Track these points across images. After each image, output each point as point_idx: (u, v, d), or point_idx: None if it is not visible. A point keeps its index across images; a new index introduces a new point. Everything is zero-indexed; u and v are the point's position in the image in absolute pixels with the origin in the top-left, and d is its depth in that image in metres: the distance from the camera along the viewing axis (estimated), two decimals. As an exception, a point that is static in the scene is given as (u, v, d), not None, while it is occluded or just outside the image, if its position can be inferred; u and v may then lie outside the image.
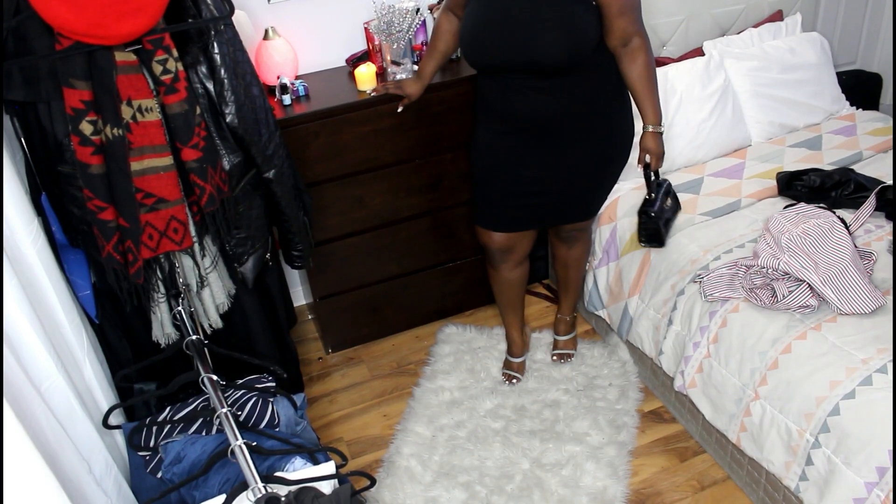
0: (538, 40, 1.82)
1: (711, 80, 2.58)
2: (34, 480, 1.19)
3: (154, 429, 1.69)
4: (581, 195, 2.16)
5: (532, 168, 2.05)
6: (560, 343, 2.57)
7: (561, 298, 2.55)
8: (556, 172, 2.05)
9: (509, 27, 1.83)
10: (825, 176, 2.29)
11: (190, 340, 1.69)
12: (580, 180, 2.10)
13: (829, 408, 1.68)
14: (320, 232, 2.39)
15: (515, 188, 2.09)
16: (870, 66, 3.30)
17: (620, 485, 2.09)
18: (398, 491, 2.12)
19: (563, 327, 2.57)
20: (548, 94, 1.91)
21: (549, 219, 2.23)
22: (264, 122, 1.79)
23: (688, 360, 2.07)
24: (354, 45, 2.54)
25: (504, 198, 2.12)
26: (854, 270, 1.85)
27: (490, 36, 1.87)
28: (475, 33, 1.90)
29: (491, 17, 1.86)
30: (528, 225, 2.21)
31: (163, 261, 1.72)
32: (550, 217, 2.22)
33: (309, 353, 2.76)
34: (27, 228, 1.51)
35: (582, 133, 1.99)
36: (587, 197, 2.19)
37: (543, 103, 1.93)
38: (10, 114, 1.61)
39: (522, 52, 1.84)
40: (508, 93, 1.95)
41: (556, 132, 1.98)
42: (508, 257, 2.28)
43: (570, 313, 2.55)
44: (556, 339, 2.59)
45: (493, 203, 2.15)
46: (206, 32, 1.61)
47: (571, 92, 1.92)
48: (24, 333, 1.43)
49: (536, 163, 2.03)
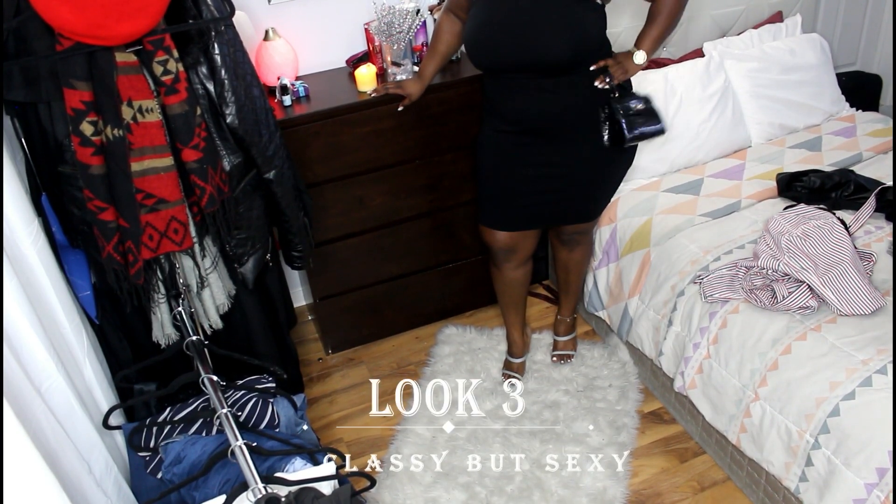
0: (543, 39, 1.84)
1: (711, 82, 2.58)
2: (34, 480, 1.19)
3: (154, 429, 1.69)
4: (585, 194, 2.17)
5: (537, 167, 2.06)
6: (560, 344, 2.57)
7: (561, 300, 2.55)
8: (561, 170, 2.06)
9: (514, 28, 1.85)
10: (825, 177, 2.29)
11: (190, 341, 1.69)
12: (584, 179, 2.11)
13: (829, 409, 1.68)
14: (320, 232, 2.39)
15: (521, 187, 2.10)
16: (869, 68, 3.30)
17: (620, 485, 2.09)
18: (398, 491, 2.12)
19: (562, 328, 2.57)
20: (552, 92, 1.92)
21: (552, 218, 2.23)
22: (265, 122, 1.79)
23: (688, 360, 2.07)
24: (355, 45, 2.54)
25: (509, 197, 2.13)
26: (854, 271, 1.85)
27: (495, 37, 1.89)
28: (481, 34, 1.91)
29: (495, 18, 1.88)
30: (533, 224, 2.22)
31: (163, 261, 1.73)
32: (554, 216, 2.22)
33: (309, 353, 2.76)
34: (27, 229, 1.51)
35: (586, 131, 2.01)
36: (591, 196, 2.20)
37: (548, 102, 1.94)
38: (11, 114, 1.61)
39: (527, 52, 1.86)
40: (514, 92, 1.96)
41: (560, 130, 2.00)
42: (512, 257, 2.28)
43: (570, 315, 2.55)
44: (556, 340, 2.59)
45: (497, 202, 2.16)
46: (207, 33, 1.61)
47: (576, 90, 1.94)
48: (24, 333, 1.43)
49: (542, 161, 2.05)
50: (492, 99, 2.05)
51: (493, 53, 1.92)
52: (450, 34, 2.16)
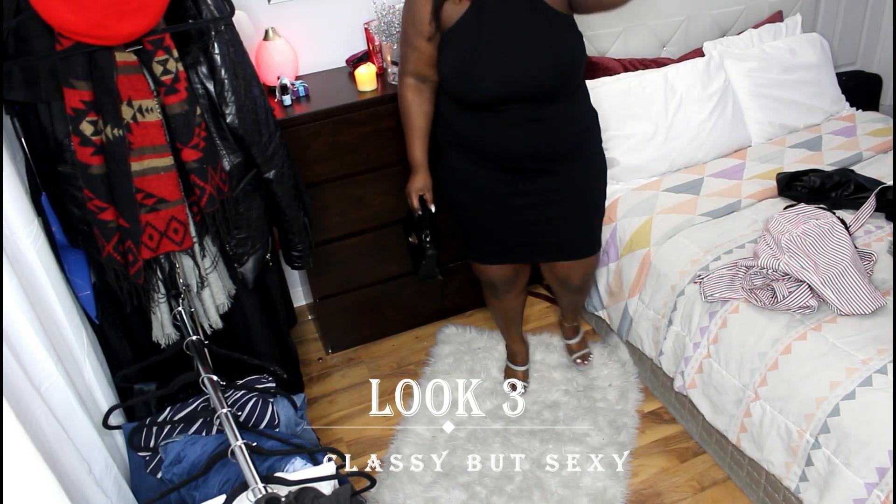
0: (532, 65, 1.74)
1: (711, 81, 2.58)
2: (34, 480, 1.19)
3: (154, 429, 1.69)
4: (578, 219, 2.06)
5: (522, 196, 1.95)
6: (574, 346, 2.54)
7: (566, 312, 2.51)
8: (548, 196, 1.96)
9: (501, 55, 1.74)
10: (825, 177, 2.29)
11: (190, 341, 1.69)
12: (573, 203, 2.00)
13: (829, 408, 1.68)
14: (320, 232, 2.39)
15: (508, 217, 1.99)
16: (870, 67, 3.30)
17: (620, 485, 2.09)
18: (398, 491, 2.12)
19: (571, 331, 2.54)
20: (540, 123, 1.82)
21: (549, 251, 2.12)
22: (264, 122, 1.79)
23: (688, 360, 2.07)
24: (355, 45, 2.54)
25: (497, 229, 2.02)
26: (854, 271, 1.85)
27: (482, 67, 1.75)
28: (464, 66, 1.77)
29: (478, 50, 1.74)
30: (529, 257, 2.14)
31: (163, 261, 1.73)
32: (550, 250, 2.11)
33: (309, 353, 2.76)
34: (27, 228, 1.51)
35: (566, 158, 1.92)
36: (584, 220, 2.09)
37: (535, 138, 1.84)
38: (11, 114, 1.61)
39: (516, 81, 1.75)
40: (497, 128, 1.83)
41: (548, 163, 1.90)
42: (512, 287, 2.24)
43: (576, 319, 2.53)
44: (569, 344, 2.55)
45: (485, 238, 2.07)
46: (207, 33, 1.62)
47: (563, 122, 1.85)
48: (24, 333, 1.43)
49: (526, 190, 1.94)
50: (464, 135, 1.89)
51: (480, 84, 1.76)
52: (422, 104, 1.93)
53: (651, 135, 2.51)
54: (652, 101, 2.50)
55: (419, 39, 1.82)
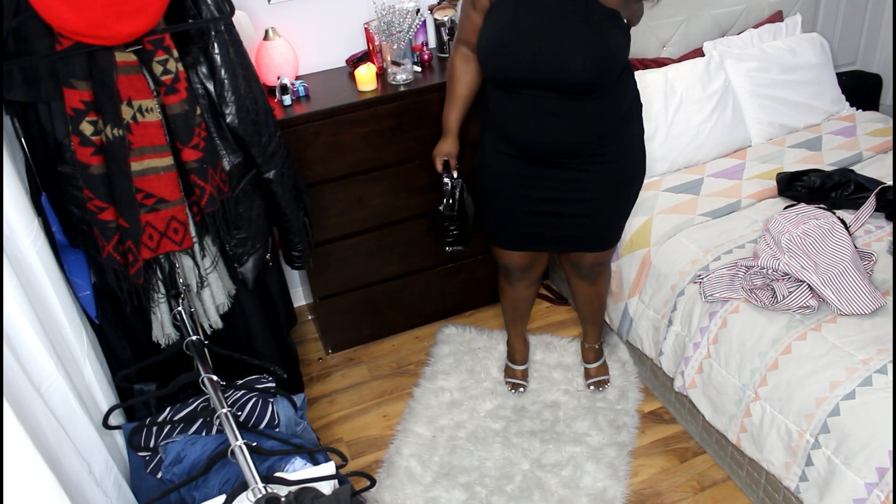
0: (565, 54, 1.72)
1: (711, 81, 2.58)
2: (34, 480, 1.19)
3: (154, 429, 1.69)
4: (599, 218, 2.05)
5: (544, 189, 1.96)
6: (592, 371, 2.46)
7: (587, 329, 2.46)
8: (571, 193, 1.96)
9: (536, 38, 1.72)
10: (825, 177, 2.29)
11: (190, 341, 1.69)
12: (595, 203, 2.00)
13: (829, 408, 1.68)
14: (320, 232, 2.39)
15: (529, 207, 2.01)
16: (870, 67, 3.30)
17: (620, 485, 2.09)
18: (398, 491, 2.12)
19: (592, 355, 2.47)
20: (566, 118, 1.81)
21: (567, 243, 2.13)
22: (264, 122, 1.79)
23: (688, 360, 2.07)
24: (355, 45, 2.54)
25: (518, 217, 2.05)
26: (854, 271, 1.85)
27: (514, 45, 1.75)
28: (499, 42, 1.77)
29: (517, 26, 1.74)
30: (546, 246, 2.15)
31: (163, 261, 1.72)
32: (569, 241, 2.11)
33: (309, 353, 2.76)
34: (27, 229, 1.51)
35: (595, 157, 1.90)
36: (605, 220, 2.08)
37: (561, 131, 1.83)
38: (11, 114, 1.61)
39: (547, 66, 1.73)
40: (524, 113, 1.84)
41: (568, 158, 1.90)
42: (526, 275, 2.24)
43: (598, 340, 2.47)
44: (587, 368, 2.47)
45: (506, 224, 2.09)
46: (207, 33, 1.61)
47: (587, 118, 1.83)
48: (24, 333, 1.43)
49: (548, 184, 1.95)
50: (496, 118, 1.92)
51: (510, 63, 1.77)
52: (467, 73, 1.97)
53: (651, 135, 2.50)
54: (652, 101, 2.49)
55: (471, 9, 1.87)
